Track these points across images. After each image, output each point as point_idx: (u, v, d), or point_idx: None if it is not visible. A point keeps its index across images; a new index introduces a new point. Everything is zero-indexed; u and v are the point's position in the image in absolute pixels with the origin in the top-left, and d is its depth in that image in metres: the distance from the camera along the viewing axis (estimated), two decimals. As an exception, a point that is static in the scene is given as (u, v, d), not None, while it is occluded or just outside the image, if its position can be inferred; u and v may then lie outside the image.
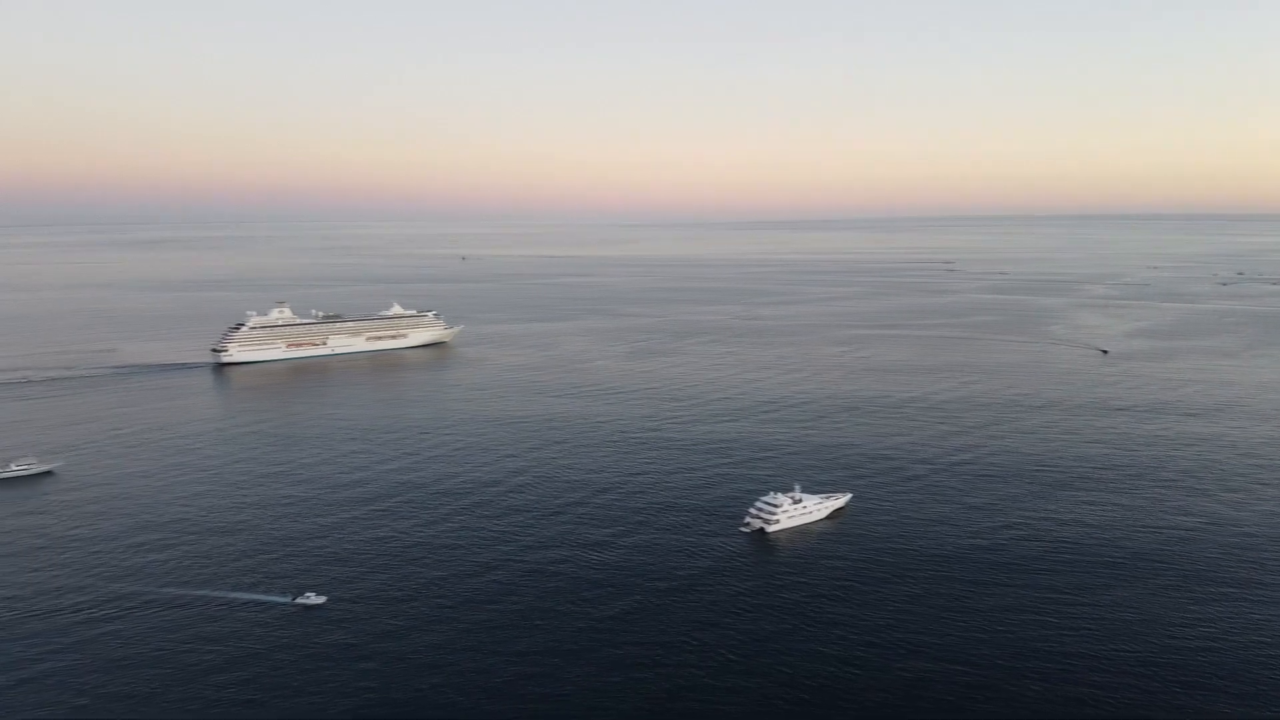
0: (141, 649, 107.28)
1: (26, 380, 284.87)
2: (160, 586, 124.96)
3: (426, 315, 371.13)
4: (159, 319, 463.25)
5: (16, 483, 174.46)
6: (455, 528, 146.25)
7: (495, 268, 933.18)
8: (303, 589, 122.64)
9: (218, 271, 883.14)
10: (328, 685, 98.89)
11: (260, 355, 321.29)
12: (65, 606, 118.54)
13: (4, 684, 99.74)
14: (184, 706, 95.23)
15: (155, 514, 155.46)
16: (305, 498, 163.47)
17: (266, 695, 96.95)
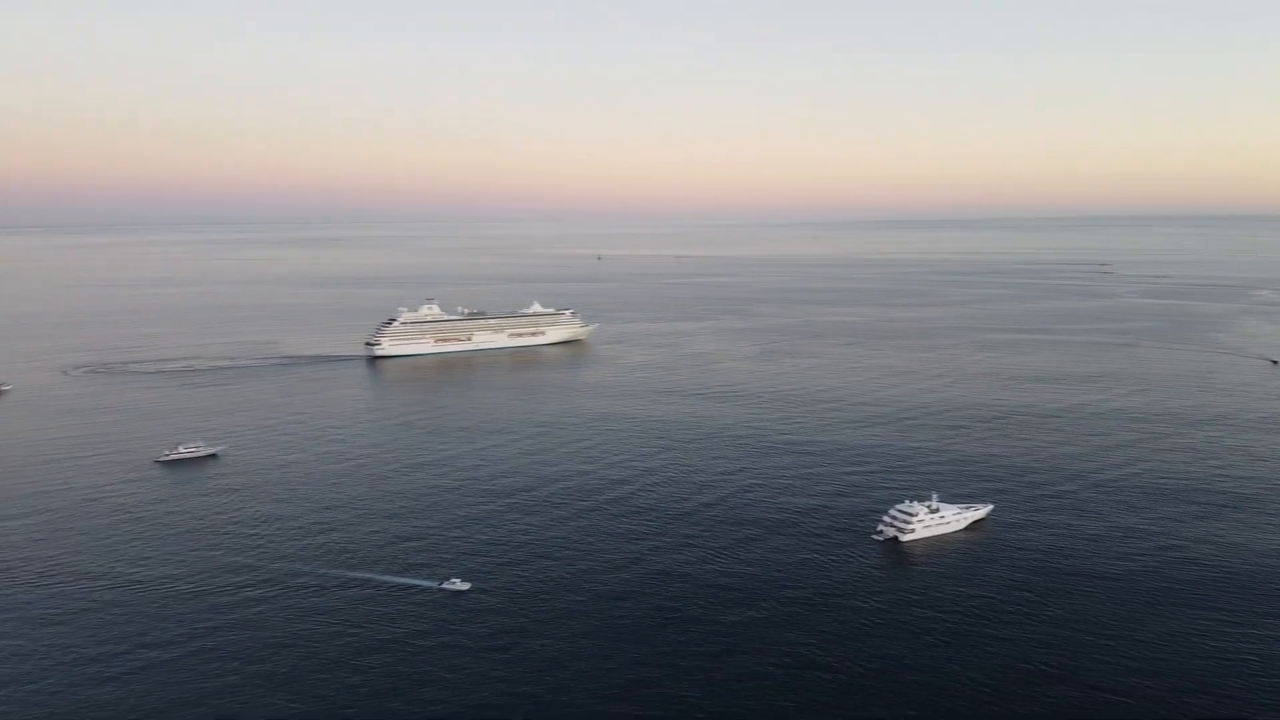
0: (295, 628, 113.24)
1: (194, 369, 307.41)
2: (315, 567, 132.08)
3: (564, 313, 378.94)
4: (317, 313, 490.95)
5: (184, 465, 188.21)
6: (587, 525, 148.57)
7: (629, 267, 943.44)
8: (448, 575, 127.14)
9: (373, 269, 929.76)
10: (463, 673, 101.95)
11: (410, 349, 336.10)
12: (226, 585, 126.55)
13: (165, 658, 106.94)
14: (331, 687, 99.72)
15: (310, 498, 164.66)
16: (448, 488, 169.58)
17: (406, 682, 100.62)
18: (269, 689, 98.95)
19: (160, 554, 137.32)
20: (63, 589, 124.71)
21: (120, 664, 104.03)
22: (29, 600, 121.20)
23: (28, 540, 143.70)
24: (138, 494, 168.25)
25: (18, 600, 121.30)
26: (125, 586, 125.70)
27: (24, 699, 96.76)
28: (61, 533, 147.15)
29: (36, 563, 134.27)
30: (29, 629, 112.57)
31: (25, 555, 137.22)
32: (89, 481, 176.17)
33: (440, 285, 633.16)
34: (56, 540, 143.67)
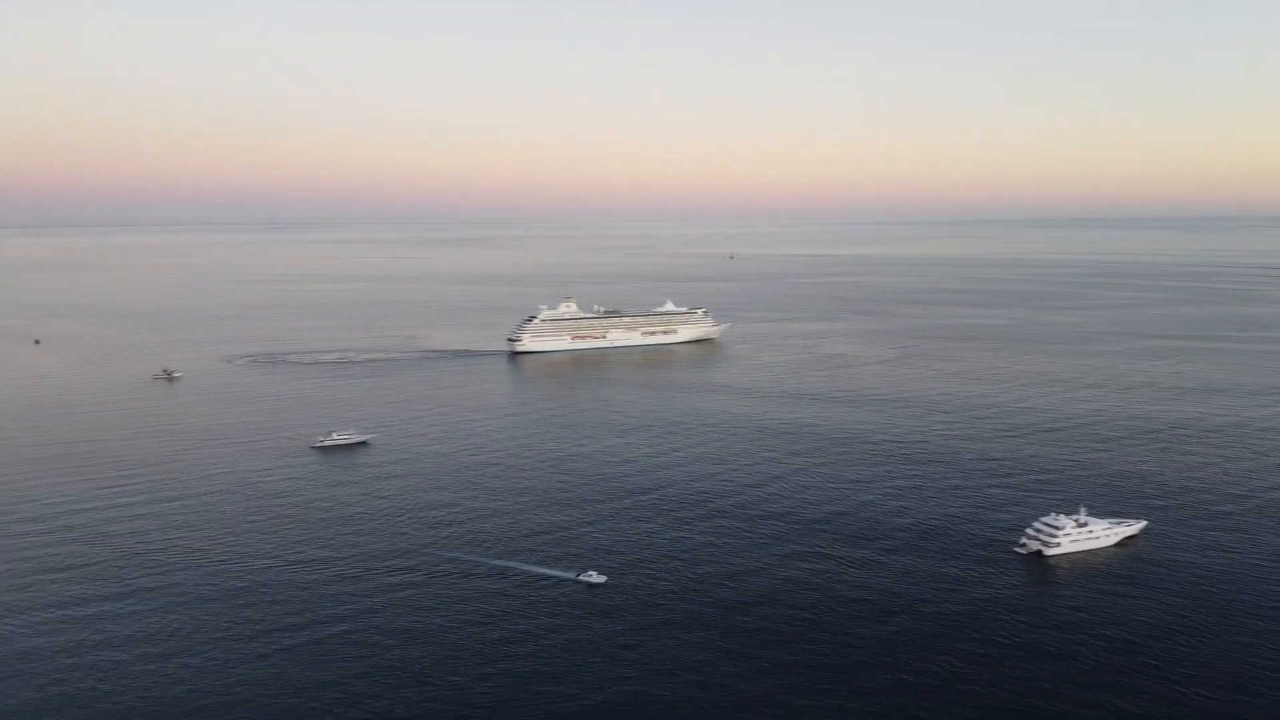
0: (435, 615, 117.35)
1: (347, 361, 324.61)
2: (457, 553, 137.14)
3: (696, 312, 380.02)
4: (462, 310, 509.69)
5: (337, 451, 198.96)
6: (715, 527, 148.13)
7: (761, 266, 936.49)
8: (585, 567, 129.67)
9: (517, 268, 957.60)
10: (594, 671, 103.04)
11: (548, 346, 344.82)
12: (373, 569, 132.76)
13: (312, 638, 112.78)
14: (465, 677, 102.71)
15: (452, 487, 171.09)
16: (580, 483, 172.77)
17: (537, 676, 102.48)
18: (406, 677, 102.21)
19: (313, 537, 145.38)
20: (222, 567, 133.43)
21: (270, 643, 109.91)
22: (190, 577, 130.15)
23: (193, 519, 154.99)
24: (295, 477, 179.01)
25: (179, 577, 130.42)
26: (280, 567, 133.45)
27: (179, 674, 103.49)
28: (224, 513, 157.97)
29: (198, 541, 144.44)
30: (188, 605, 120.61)
31: (188, 534, 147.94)
32: (251, 464, 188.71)
33: (579, 284, 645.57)
34: (218, 520, 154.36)
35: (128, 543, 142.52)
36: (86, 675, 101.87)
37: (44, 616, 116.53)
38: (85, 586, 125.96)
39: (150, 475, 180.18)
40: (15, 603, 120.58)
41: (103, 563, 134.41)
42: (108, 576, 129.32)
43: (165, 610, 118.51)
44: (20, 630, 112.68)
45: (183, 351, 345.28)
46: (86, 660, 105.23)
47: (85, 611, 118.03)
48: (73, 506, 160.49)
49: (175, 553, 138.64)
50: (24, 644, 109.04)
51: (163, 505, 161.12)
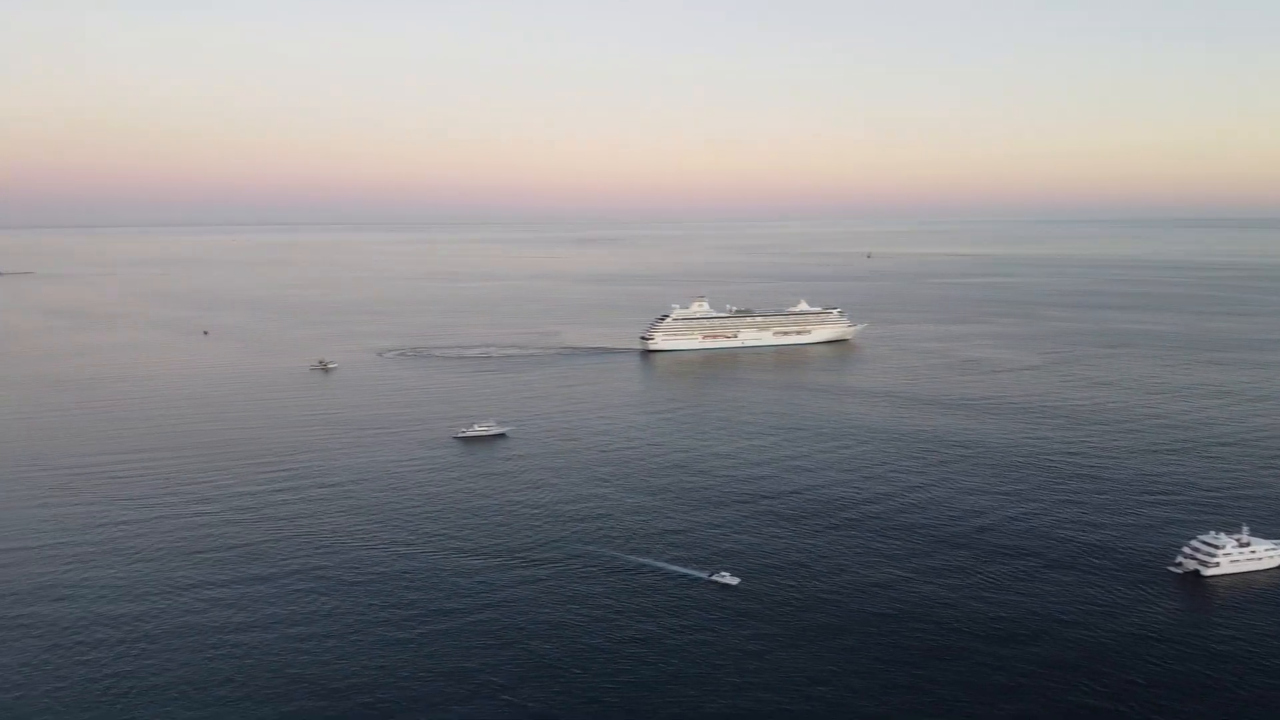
0: (567, 609, 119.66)
1: (488, 356, 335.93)
2: (590, 547, 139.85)
3: (831, 312, 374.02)
4: (597, 308, 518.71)
5: (477, 442, 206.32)
6: (848, 536, 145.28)
7: (900, 266, 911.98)
8: (718, 567, 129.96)
9: (645, 267, 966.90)
10: (720, 677, 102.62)
11: (680, 345, 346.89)
12: (510, 560, 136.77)
13: (450, 626, 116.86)
14: (592, 673, 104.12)
15: (586, 481, 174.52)
16: (709, 484, 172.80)
17: (663, 676, 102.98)
18: (537, 669, 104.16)
19: (453, 526, 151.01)
20: (367, 553, 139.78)
21: (411, 629, 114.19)
22: (336, 561, 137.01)
23: (342, 505, 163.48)
24: (438, 467, 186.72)
25: (326, 561, 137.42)
26: (422, 555, 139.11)
27: (322, 655, 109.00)
28: (371, 499, 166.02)
29: (346, 526, 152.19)
30: (333, 589, 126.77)
31: (336, 519, 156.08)
32: (398, 452, 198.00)
33: (712, 283, 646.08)
34: (365, 506, 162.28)
35: (281, 526, 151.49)
36: (234, 652, 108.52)
37: (201, 594, 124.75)
38: (239, 568, 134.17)
39: (305, 461, 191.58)
40: (180, 579, 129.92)
41: (257, 544, 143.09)
42: (261, 557, 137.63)
43: (311, 593, 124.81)
44: (179, 606, 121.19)
45: (336, 344, 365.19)
46: (236, 638, 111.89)
47: (238, 591, 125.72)
48: (235, 489, 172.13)
49: (324, 536, 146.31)
50: (182, 620, 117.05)
51: (314, 490, 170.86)
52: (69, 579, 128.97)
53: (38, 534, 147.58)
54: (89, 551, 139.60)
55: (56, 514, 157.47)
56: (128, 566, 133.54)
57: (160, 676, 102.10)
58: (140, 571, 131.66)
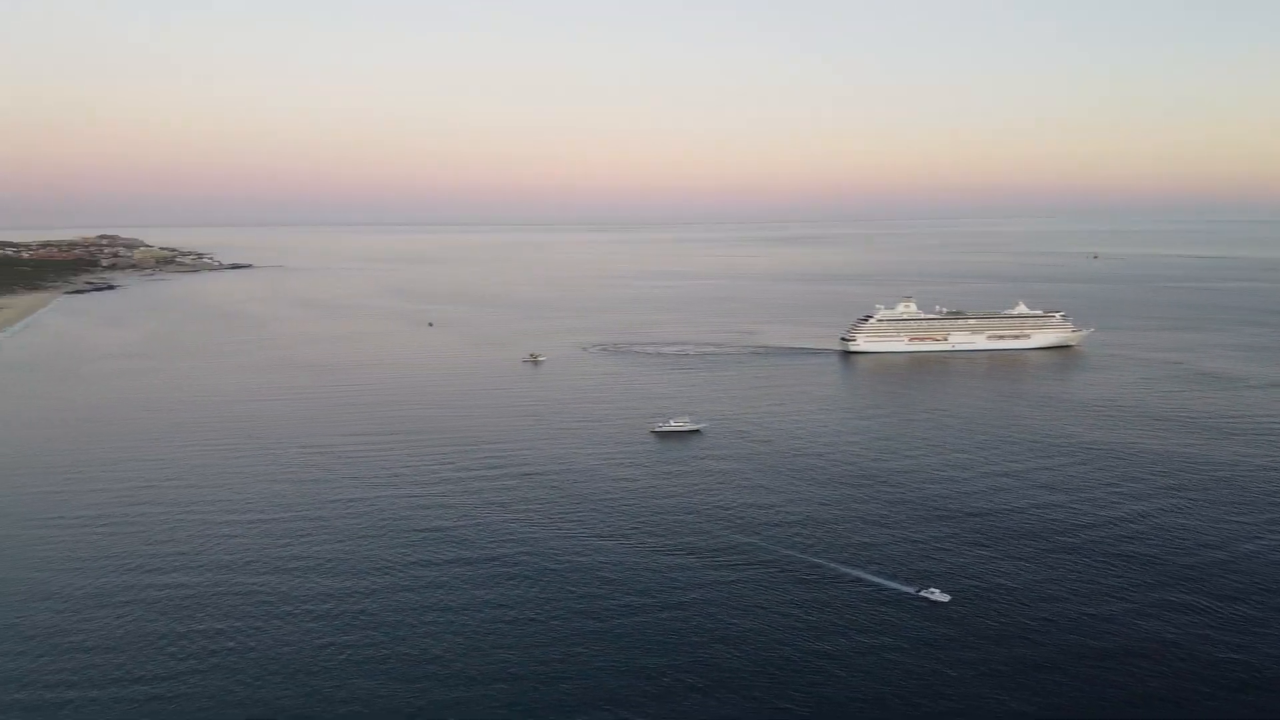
0: (757, 614, 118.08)
1: (684, 353, 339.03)
2: (784, 550, 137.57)
3: (1053, 316, 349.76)
4: (794, 308, 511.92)
5: (673, 437, 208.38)
6: (1064, 562, 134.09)
7: (1131, 268, 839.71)
8: (927, 583, 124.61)
9: (848, 266, 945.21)
10: (924, 704, 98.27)
11: (883, 347, 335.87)
12: (700, 557, 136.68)
13: (640, 622, 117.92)
14: (796, 686, 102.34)
15: (779, 482, 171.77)
16: (909, 497, 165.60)
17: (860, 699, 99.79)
18: (725, 675, 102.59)
19: (648, 520, 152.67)
20: (562, 543, 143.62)
21: (600, 621, 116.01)
22: (532, 550, 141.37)
23: (541, 494, 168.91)
24: (634, 460, 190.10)
25: (522, 549, 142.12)
26: (615, 548, 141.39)
27: (510, 640, 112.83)
28: (568, 489, 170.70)
29: (545, 514, 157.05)
30: (528, 577, 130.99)
31: (535, 508, 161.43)
32: (597, 444, 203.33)
33: (919, 283, 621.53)
34: (563, 496, 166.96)
35: (486, 511, 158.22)
36: (442, 630, 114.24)
37: (411, 574, 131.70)
38: (446, 550, 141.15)
39: (512, 449, 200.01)
40: (393, 558, 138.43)
41: (462, 527, 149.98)
42: (466, 541, 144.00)
43: (512, 578, 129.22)
44: (390, 584, 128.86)
45: (545, 338, 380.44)
46: (443, 617, 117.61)
47: (446, 572, 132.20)
48: (447, 474, 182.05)
49: (523, 523, 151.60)
50: (395, 597, 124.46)
51: (518, 479, 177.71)
52: (294, 552, 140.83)
53: (268, 508, 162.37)
54: (311, 527, 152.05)
55: (289, 489, 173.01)
56: (344, 543, 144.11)
57: (374, 649, 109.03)
58: (357, 548, 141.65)
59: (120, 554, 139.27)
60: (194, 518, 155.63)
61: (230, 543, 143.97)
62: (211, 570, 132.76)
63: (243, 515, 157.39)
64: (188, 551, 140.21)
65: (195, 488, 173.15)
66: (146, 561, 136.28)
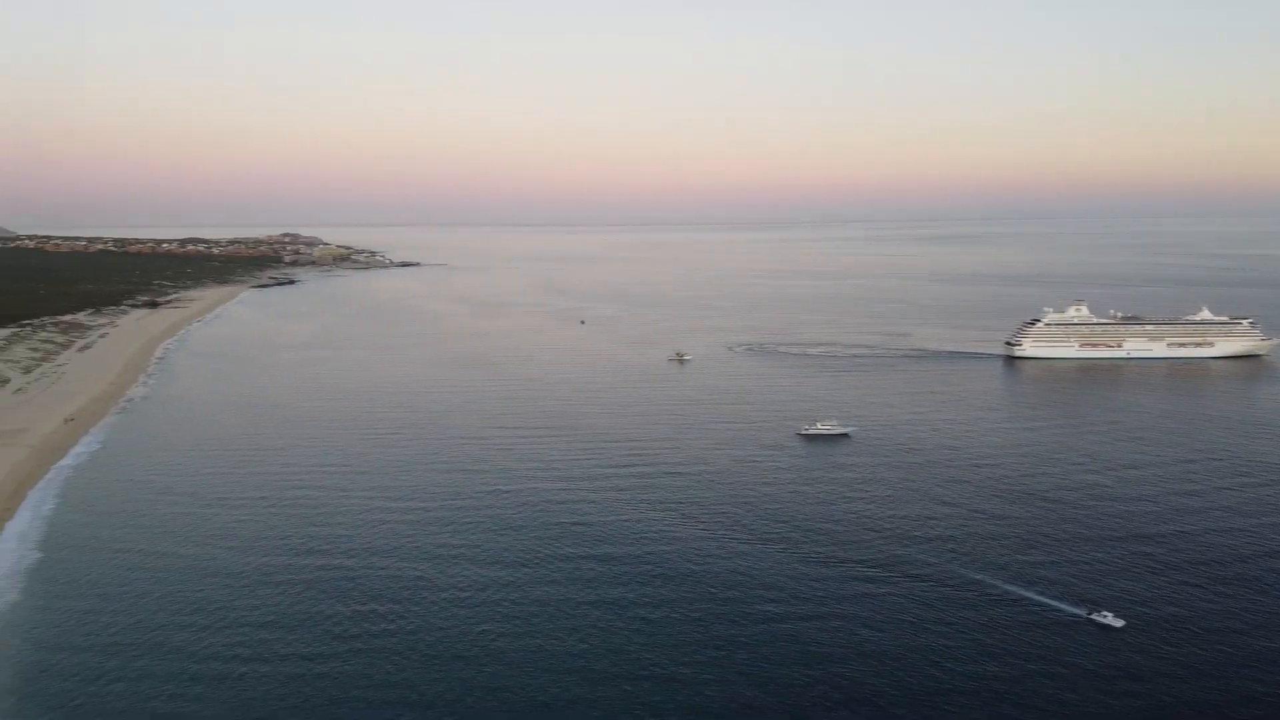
0: (913, 630, 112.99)
1: (833, 354, 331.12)
2: (936, 560, 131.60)
3: (1240, 323, 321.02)
4: (951, 309, 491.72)
5: (820, 440, 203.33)
6: (1241, 595, 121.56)
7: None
8: (1098, 605, 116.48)
9: (1010, 267, 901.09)
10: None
11: (1051, 352, 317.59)
12: (845, 565, 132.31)
13: (771, 632, 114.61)
14: (938, 706, 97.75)
15: (930, 489, 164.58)
16: (1075, 515, 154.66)
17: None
18: (862, 694, 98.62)
19: (792, 525, 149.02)
20: (704, 544, 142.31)
21: (743, 627, 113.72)
22: (677, 549, 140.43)
23: (688, 494, 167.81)
24: (779, 463, 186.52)
25: (667, 547, 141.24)
26: (757, 553, 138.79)
27: (649, 640, 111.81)
28: (711, 490, 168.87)
29: (689, 514, 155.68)
30: (673, 577, 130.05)
31: (681, 506, 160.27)
32: (742, 444, 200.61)
33: (1090, 286, 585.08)
34: (706, 496, 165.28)
35: (625, 510, 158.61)
36: (583, 626, 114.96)
37: (558, 568, 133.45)
38: (590, 546, 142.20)
39: (658, 449, 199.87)
40: (540, 552, 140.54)
41: (606, 524, 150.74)
42: (609, 538, 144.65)
43: (653, 578, 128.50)
44: (534, 577, 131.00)
45: (692, 337, 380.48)
46: (585, 613, 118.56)
47: (580, 570, 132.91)
48: (590, 472, 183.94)
49: (664, 525, 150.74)
50: (539, 591, 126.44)
51: (661, 479, 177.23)
52: (444, 540, 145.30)
53: (422, 496, 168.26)
54: (461, 516, 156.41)
55: (444, 479, 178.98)
56: (491, 534, 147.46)
57: (515, 641, 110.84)
58: (504, 539, 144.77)
59: (282, 535, 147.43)
60: (352, 503, 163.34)
61: (385, 528, 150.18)
62: (366, 554, 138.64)
63: (399, 502, 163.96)
64: (345, 535, 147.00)
65: (357, 473, 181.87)
66: (306, 543, 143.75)
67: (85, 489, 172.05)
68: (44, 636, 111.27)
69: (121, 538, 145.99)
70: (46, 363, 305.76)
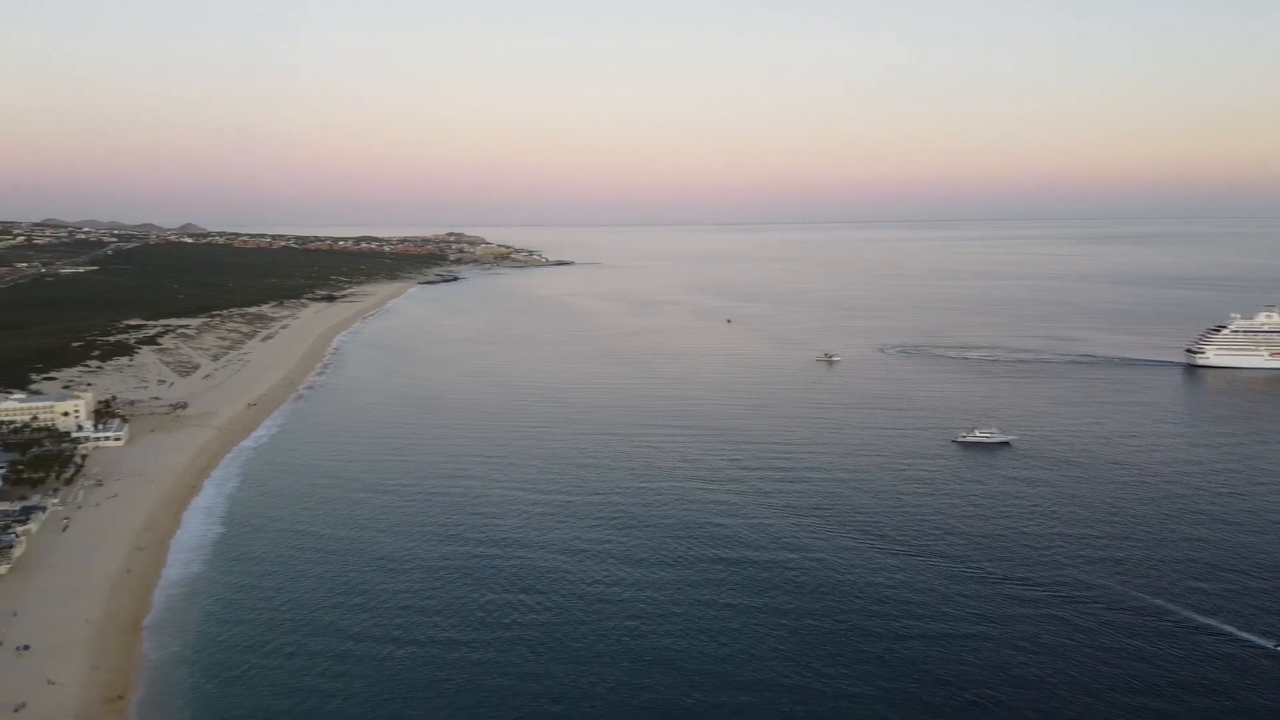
0: (1073, 654, 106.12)
1: (994, 359, 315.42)
2: (1100, 581, 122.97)
3: None
4: (1124, 313, 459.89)
5: (978, 448, 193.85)
6: None
7: None
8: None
9: (1193, 269, 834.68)
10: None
11: (1238, 361, 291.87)
12: (1007, 584, 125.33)
13: (919, 653, 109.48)
14: None
15: (1102, 508, 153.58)
16: (1263, 539, 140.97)
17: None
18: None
19: (946, 537, 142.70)
20: (844, 558, 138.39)
21: (882, 643, 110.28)
22: (806, 559, 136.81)
23: (834, 501, 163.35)
24: (934, 471, 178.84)
25: (800, 556, 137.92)
26: (910, 566, 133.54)
27: (807, 656, 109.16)
28: (861, 497, 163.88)
29: (831, 525, 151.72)
30: (819, 588, 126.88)
31: (827, 514, 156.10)
32: (893, 451, 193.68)
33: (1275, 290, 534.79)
34: (856, 502, 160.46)
35: (766, 514, 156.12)
36: (708, 631, 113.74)
37: (685, 571, 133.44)
38: (721, 548, 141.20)
39: (800, 452, 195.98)
40: (675, 555, 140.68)
41: (741, 528, 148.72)
42: (742, 542, 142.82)
43: (786, 586, 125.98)
44: (667, 580, 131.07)
45: (840, 338, 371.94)
46: (712, 617, 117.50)
47: (719, 573, 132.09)
48: (731, 474, 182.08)
49: (807, 532, 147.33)
50: (671, 594, 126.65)
51: (804, 484, 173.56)
52: (587, 535, 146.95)
53: (566, 489, 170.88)
54: (603, 511, 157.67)
55: (588, 474, 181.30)
56: (632, 531, 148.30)
57: (655, 641, 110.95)
58: (645, 538, 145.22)
59: (432, 521, 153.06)
60: (500, 493, 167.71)
61: (528, 519, 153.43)
62: (509, 545, 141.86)
63: (543, 494, 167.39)
64: (490, 524, 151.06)
65: (506, 464, 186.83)
66: (453, 530, 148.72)
67: (262, 469, 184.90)
68: (213, 609, 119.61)
69: (287, 517, 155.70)
70: (233, 350, 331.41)
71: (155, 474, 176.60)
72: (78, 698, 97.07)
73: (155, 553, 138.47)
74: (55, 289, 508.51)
